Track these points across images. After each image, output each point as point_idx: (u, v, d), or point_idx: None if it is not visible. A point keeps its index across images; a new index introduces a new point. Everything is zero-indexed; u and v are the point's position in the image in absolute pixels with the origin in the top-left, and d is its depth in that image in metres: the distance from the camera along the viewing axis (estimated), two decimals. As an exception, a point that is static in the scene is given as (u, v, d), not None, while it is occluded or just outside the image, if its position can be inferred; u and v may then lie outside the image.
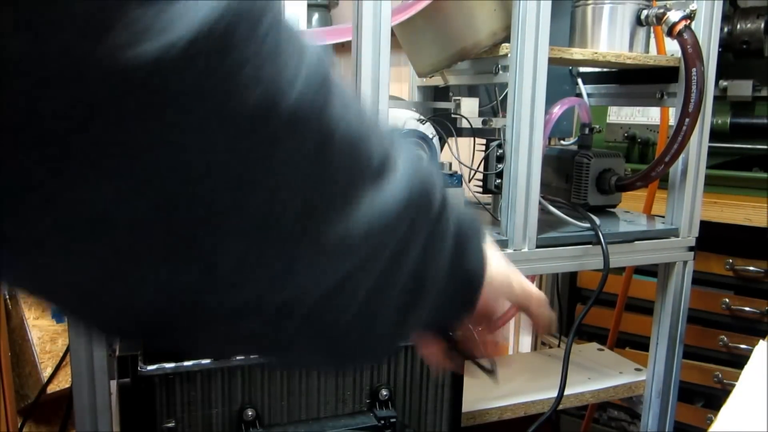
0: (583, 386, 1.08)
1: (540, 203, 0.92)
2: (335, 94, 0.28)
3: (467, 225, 0.38)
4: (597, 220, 0.97)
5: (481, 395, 1.03)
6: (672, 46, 1.01)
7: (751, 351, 0.61)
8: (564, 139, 1.19)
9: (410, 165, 0.33)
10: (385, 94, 0.79)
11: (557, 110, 0.99)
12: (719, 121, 1.45)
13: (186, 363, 0.67)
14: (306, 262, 0.28)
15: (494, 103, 0.96)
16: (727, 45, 1.43)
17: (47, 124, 0.21)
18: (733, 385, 0.57)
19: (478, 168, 0.95)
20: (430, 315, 0.36)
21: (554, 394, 0.93)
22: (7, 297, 1.54)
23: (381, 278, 0.32)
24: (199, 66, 0.22)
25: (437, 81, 1.07)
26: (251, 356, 0.35)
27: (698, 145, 1.00)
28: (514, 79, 0.86)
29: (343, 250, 0.29)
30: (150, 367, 0.66)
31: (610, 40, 0.98)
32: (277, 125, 0.25)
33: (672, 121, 1.02)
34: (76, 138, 0.21)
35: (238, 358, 0.69)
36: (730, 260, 1.43)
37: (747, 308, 1.41)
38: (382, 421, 0.76)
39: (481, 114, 0.95)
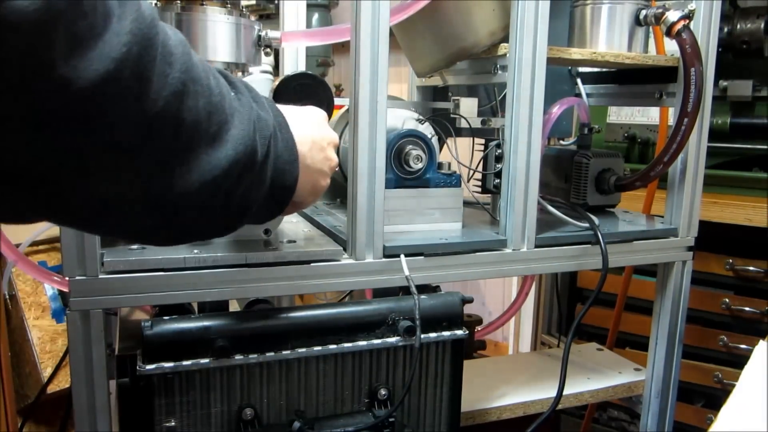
0: (582, 386, 1.08)
1: (539, 203, 0.92)
2: (193, 89, 0.42)
3: (283, 161, 0.55)
4: (596, 220, 0.97)
5: (480, 395, 1.03)
6: (671, 46, 1.01)
7: (751, 351, 0.61)
8: (563, 139, 1.19)
9: (244, 128, 0.48)
10: (384, 94, 0.79)
11: (556, 110, 0.99)
12: (719, 121, 1.45)
13: (185, 362, 0.68)
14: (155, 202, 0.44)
15: (493, 103, 0.96)
16: (727, 45, 1.43)
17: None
18: (733, 385, 0.57)
19: (477, 168, 0.95)
20: (256, 213, 0.55)
21: (553, 393, 0.93)
22: (7, 297, 1.54)
23: (216, 208, 0.48)
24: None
25: (436, 81, 1.07)
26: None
27: (697, 144, 1.00)
28: (513, 79, 0.87)
29: (184, 197, 0.44)
30: (149, 367, 0.66)
31: (609, 40, 0.98)
32: (149, 127, 0.40)
33: (671, 121, 1.02)
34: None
35: (237, 357, 0.69)
36: (730, 260, 1.43)
37: (747, 308, 1.41)
38: (381, 421, 0.76)
39: (480, 114, 0.95)
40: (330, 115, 0.80)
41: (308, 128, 0.63)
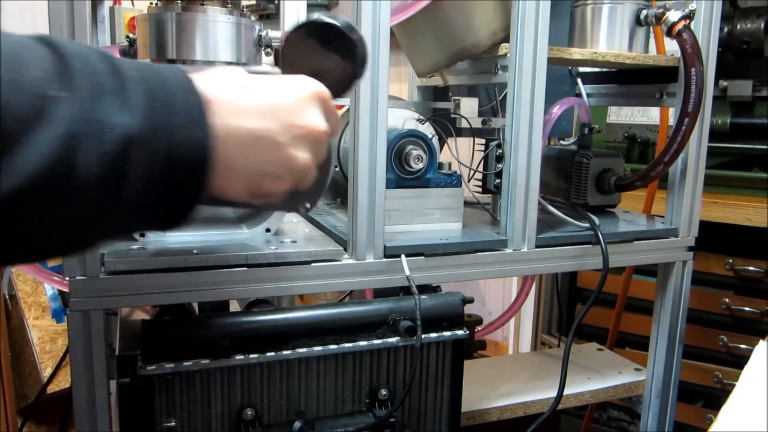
0: (582, 386, 1.08)
1: (539, 203, 0.92)
2: None
3: (180, 177, 0.42)
4: (596, 220, 0.97)
5: (480, 395, 1.03)
6: (671, 46, 1.01)
7: (751, 351, 0.61)
8: (564, 139, 1.19)
9: (63, 128, 0.37)
10: (384, 94, 0.79)
11: (557, 110, 0.99)
12: (719, 121, 1.45)
13: (186, 363, 0.67)
14: None
15: (494, 103, 0.96)
16: (727, 45, 1.43)
17: None
18: (733, 385, 0.57)
19: (477, 168, 0.95)
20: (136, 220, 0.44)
21: (554, 394, 0.93)
22: (7, 297, 1.54)
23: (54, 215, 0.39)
24: None
25: (437, 81, 1.07)
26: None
27: (698, 144, 1.00)
28: (514, 79, 0.86)
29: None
30: (149, 367, 0.66)
31: (610, 40, 0.98)
32: None
33: (672, 121, 1.02)
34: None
35: (237, 357, 0.69)
36: (730, 260, 1.43)
37: (747, 308, 1.41)
38: (382, 421, 0.76)
39: (480, 114, 0.95)
40: (359, 77, 0.60)
41: (253, 119, 0.48)
